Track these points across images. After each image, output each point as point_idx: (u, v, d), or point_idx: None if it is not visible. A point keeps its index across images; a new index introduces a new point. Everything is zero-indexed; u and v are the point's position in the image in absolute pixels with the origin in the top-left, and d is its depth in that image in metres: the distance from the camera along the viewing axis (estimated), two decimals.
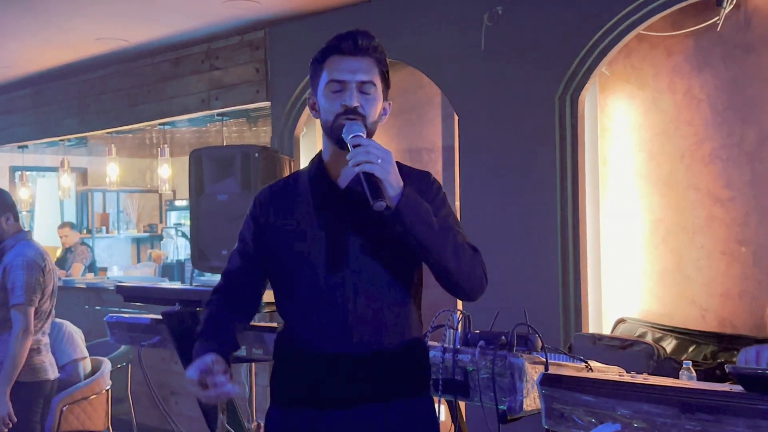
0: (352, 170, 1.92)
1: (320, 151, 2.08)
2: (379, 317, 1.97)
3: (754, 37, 3.96)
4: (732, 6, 3.93)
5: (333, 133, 1.97)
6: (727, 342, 3.91)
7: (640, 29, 4.06)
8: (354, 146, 1.86)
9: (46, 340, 3.98)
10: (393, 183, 1.84)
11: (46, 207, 10.85)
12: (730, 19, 3.97)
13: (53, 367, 4.01)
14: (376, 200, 1.82)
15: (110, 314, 3.80)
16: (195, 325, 3.26)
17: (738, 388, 1.67)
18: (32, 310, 3.78)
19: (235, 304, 2.12)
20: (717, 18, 3.96)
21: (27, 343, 3.76)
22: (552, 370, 2.19)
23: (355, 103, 1.95)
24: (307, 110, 5.38)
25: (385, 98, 2.04)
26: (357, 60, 1.97)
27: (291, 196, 2.06)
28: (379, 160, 1.83)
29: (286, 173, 4.60)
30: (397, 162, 1.90)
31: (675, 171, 4.22)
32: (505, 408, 2.25)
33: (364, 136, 1.90)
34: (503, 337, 2.33)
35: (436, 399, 2.24)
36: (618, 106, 4.43)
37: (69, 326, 4.93)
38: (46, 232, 9.73)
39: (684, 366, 2.95)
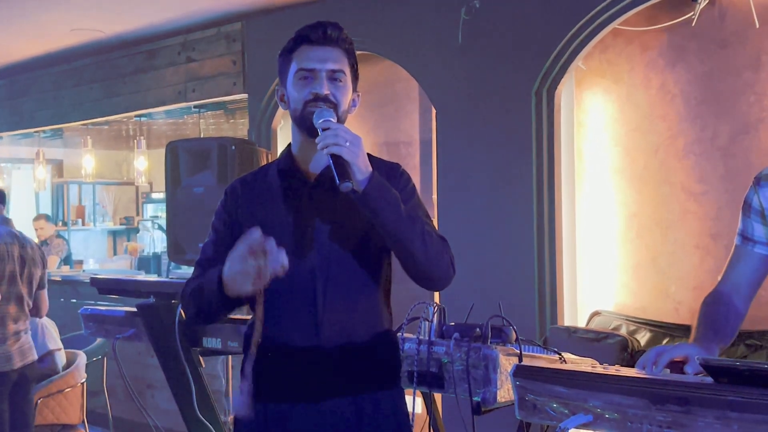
0: (322, 161, 1.92)
1: (290, 144, 2.06)
2: (349, 310, 1.97)
3: (728, 33, 4.00)
4: (707, 2, 3.96)
5: (303, 121, 1.95)
6: None
7: (615, 24, 4.09)
8: (323, 129, 1.84)
9: (14, 327, 3.99)
10: (361, 167, 1.83)
11: (21, 199, 10.75)
12: (704, 15, 4.01)
13: (22, 356, 4.04)
14: (343, 181, 1.80)
15: (85, 307, 3.77)
16: (170, 318, 3.28)
17: (708, 379, 1.69)
18: None
19: None
20: (692, 13, 3.99)
21: None
22: (526, 362, 2.20)
23: (326, 91, 1.93)
24: None
25: (354, 89, 2.02)
26: (326, 49, 1.95)
27: (261, 188, 2.05)
28: (348, 143, 1.81)
29: None
30: (367, 153, 1.89)
31: (649, 166, 4.25)
32: (479, 399, 2.26)
33: (335, 122, 1.89)
34: (478, 330, 2.34)
35: (410, 391, 2.25)
36: (594, 101, 4.45)
37: (43, 318, 4.90)
38: (21, 225, 9.62)
39: None
